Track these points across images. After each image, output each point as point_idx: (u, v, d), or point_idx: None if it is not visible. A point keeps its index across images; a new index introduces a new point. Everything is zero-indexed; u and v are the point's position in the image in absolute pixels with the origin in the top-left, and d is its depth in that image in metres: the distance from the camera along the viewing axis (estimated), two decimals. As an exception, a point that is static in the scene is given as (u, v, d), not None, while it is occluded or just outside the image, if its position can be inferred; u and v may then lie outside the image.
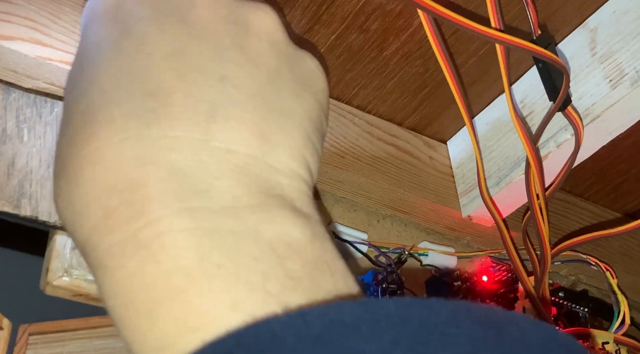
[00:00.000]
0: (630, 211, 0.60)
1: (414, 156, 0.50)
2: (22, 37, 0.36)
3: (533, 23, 0.41)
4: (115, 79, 0.25)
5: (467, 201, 0.50)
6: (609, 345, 0.51)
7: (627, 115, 0.43)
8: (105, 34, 0.27)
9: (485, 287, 0.50)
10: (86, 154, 0.24)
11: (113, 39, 0.26)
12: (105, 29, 0.27)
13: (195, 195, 0.23)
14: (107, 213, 0.23)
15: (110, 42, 0.26)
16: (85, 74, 0.26)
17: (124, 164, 0.23)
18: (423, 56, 0.45)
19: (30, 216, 0.35)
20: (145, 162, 0.23)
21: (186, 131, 0.24)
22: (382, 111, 0.49)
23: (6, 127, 0.36)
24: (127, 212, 0.23)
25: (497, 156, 0.48)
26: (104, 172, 0.23)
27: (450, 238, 0.53)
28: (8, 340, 1.08)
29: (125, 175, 0.23)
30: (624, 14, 0.43)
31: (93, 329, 1.05)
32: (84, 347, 1.05)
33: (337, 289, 0.23)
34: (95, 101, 0.25)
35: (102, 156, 0.24)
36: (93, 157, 0.24)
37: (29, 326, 1.09)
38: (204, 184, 0.24)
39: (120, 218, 0.23)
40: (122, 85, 0.25)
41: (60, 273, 0.35)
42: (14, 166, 0.35)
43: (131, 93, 0.25)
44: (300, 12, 0.41)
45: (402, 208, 0.50)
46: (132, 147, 0.24)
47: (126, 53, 0.26)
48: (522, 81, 0.48)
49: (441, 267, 0.50)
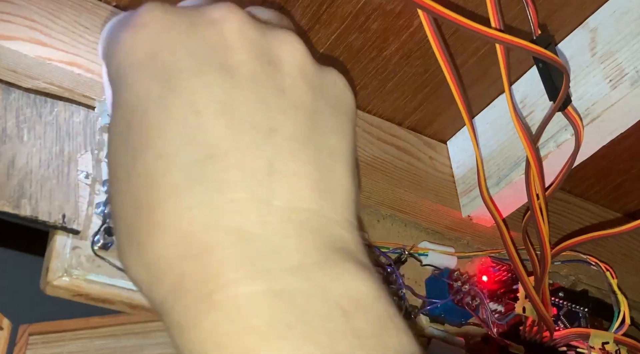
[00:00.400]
0: (630, 211, 0.60)
1: (414, 156, 0.50)
2: (22, 37, 0.36)
3: (533, 23, 0.41)
4: (169, 142, 0.25)
5: (467, 201, 0.50)
6: (609, 345, 0.51)
7: (627, 115, 0.43)
8: (147, 88, 0.26)
9: (485, 287, 0.50)
10: (155, 222, 0.25)
11: (157, 95, 0.26)
12: (145, 82, 0.27)
13: (264, 256, 0.24)
14: (181, 277, 0.24)
15: (155, 98, 0.26)
16: (135, 134, 0.26)
17: (194, 231, 0.24)
18: (423, 56, 0.45)
19: (30, 216, 0.35)
20: (215, 227, 0.24)
21: (249, 193, 0.25)
22: (382, 111, 0.49)
23: (6, 127, 0.36)
24: (201, 276, 0.24)
25: (497, 156, 0.48)
26: (176, 239, 0.24)
27: (450, 238, 0.53)
28: (8, 340, 1.08)
29: (196, 241, 0.24)
30: (624, 14, 0.43)
31: (93, 329, 1.05)
32: (84, 347, 1.05)
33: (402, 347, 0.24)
34: (153, 165, 0.25)
35: (172, 223, 0.24)
36: (162, 224, 0.25)
37: (29, 326, 1.09)
38: (272, 245, 0.24)
39: (194, 281, 0.24)
40: (177, 148, 0.25)
41: (60, 273, 0.35)
42: (14, 166, 0.35)
43: (189, 157, 0.25)
44: (300, 12, 0.41)
45: (402, 208, 0.50)
46: (200, 214, 0.24)
47: (175, 112, 0.26)
48: (522, 81, 0.48)
49: (441, 267, 0.50)
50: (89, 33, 0.38)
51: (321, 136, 0.28)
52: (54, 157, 0.37)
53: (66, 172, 0.37)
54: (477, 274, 0.50)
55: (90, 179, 0.37)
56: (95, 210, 0.37)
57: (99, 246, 0.36)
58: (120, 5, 0.40)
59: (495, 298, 0.50)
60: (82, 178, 0.37)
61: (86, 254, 0.36)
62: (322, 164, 0.27)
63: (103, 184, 0.37)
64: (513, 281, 0.51)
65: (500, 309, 0.51)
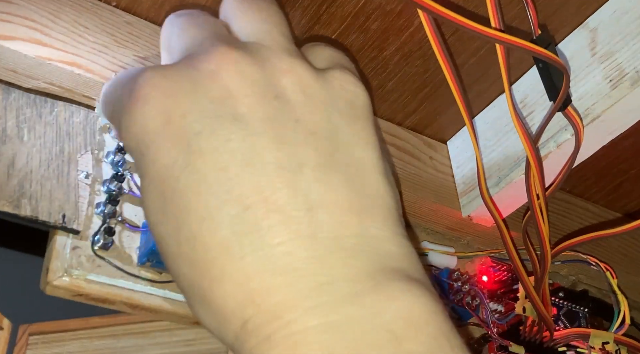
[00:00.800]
0: (630, 211, 0.60)
1: (414, 156, 0.50)
2: (22, 37, 0.36)
3: (533, 23, 0.41)
4: (208, 204, 0.26)
5: (467, 201, 0.50)
6: (609, 345, 0.51)
7: (627, 115, 0.43)
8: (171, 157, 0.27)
9: (485, 287, 0.50)
10: (213, 277, 0.26)
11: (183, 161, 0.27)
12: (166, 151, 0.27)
13: (318, 291, 0.25)
14: (244, 322, 0.25)
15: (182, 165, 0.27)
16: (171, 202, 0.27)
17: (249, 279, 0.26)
18: (423, 56, 0.45)
19: (30, 216, 0.35)
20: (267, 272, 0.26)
21: (293, 233, 0.26)
22: (382, 111, 0.49)
23: (6, 127, 0.36)
24: (261, 320, 0.25)
25: (497, 156, 0.48)
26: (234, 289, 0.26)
27: (450, 238, 0.53)
28: (8, 340, 1.08)
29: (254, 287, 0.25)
30: (625, 14, 0.43)
31: (93, 329, 1.05)
32: (84, 347, 1.05)
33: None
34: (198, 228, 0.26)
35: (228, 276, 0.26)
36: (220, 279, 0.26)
37: (29, 326, 1.09)
38: (324, 278, 0.25)
39: (255, 325, 0.25)
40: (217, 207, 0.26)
41: (60, 273, 0.35)
42: (14, 166, 0.35)
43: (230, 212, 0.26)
44: (300, 12, 0.41)
45: (402, 208, 0.50)
46: (253, 263, 0.26)
47: (204, 174, 0.27)
48: (522, 81, 0.48)
49: (441, 267, 0.50)
50: (89, 33, 0.38)
51: (345, 153, 0.28)
52: (54, 157, 0.37)
53: (66, 172, 0.37)
54: (477, 274, 0.50)
55: (90, 179, 0.37)
56: (95, 210, 0.37)
57: (99, 246, 0.36)
58: (120, 6, 0.40)
59: (495, 298, 0.50)
60: (82, 178, 0.37)
61: (86, 254, 0.36)
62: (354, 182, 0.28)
63: (103, 184, 0.37)
64: (513, 281, 0.51)
65: (500, 309, 0.51)
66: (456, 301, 0.48)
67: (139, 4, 0.40)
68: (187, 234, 0.27)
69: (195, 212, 0.26)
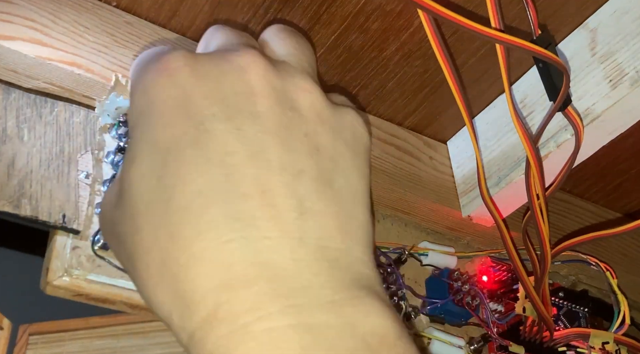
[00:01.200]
0: (630, 211, 0.60)
1: (414, 156, 0.50)
2: (22, 37, 0.36)
3: (533, 23, 0.41)
4: (208, 180, 0.27)
5: (467, 201, 0.50)
6: (609, 345, 0.51)
7: (627, 115, 0.43)
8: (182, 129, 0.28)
9: (485, 287, 0.50)
10: (193, 253, 0.26)
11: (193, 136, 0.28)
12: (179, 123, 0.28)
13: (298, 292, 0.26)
14: (216, 307, 0.25)
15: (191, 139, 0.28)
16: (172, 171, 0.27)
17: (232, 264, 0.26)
18: (423, 56, 0.45)
19: (30, 216, 0.35)
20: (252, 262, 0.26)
21: (282, 231, 0.27)
22: (382, 111, 0.49)
23: (6, 127, 0.36)
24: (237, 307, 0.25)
25: (497, 156, 0.48)
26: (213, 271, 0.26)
27: (450, 238, 0.53)
28: (8, 340, 1.08)
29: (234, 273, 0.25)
30: (624, 14, 0.43)
31: (93, 329, 1.05)
32: (84, 347, 1.05)
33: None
34: (192, 201, 0.27)
35: (210, 255, 0.26)
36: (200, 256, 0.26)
37: (29, 326, 1.09)
38: (305, 281, 0.26)
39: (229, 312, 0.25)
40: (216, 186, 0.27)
41: (60, 272, 0.35)
42: (14, 166, 0.35)
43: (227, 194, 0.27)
44: (300, 12, 0.41)
45: (402, 208, 0.50)
46: (238, 249, 0.26)
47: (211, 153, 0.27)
48: (522, 81, 0.48)
49: (441, 267, 0.50)
50: (89, 33, 0.38)
51: (343, 177, 0.29)
52: (54, 157, 0.37)
53: (66, 172, 0.37)
54: (477, 274, 0.50)
55: (91, 179, 0.37)
56: (96, 210, 0.37)
57: (99, 246, 0.36)
58: (120, 6, 0.40)
59: (495, 298, 0.50)
60: (82, 178, 0.37)
61: (86, 254, 0.36)
62: (346, 204, 0.29)
63: (103, 184, 0.37)
64: (513, 281, 0.51)
65: (500, 309, 0.51)
66: (456, 301, 0.48)
67: (139, 4, 0.40)
68: (178, 204, 0.27)
69: (194, 184, 0.27)
